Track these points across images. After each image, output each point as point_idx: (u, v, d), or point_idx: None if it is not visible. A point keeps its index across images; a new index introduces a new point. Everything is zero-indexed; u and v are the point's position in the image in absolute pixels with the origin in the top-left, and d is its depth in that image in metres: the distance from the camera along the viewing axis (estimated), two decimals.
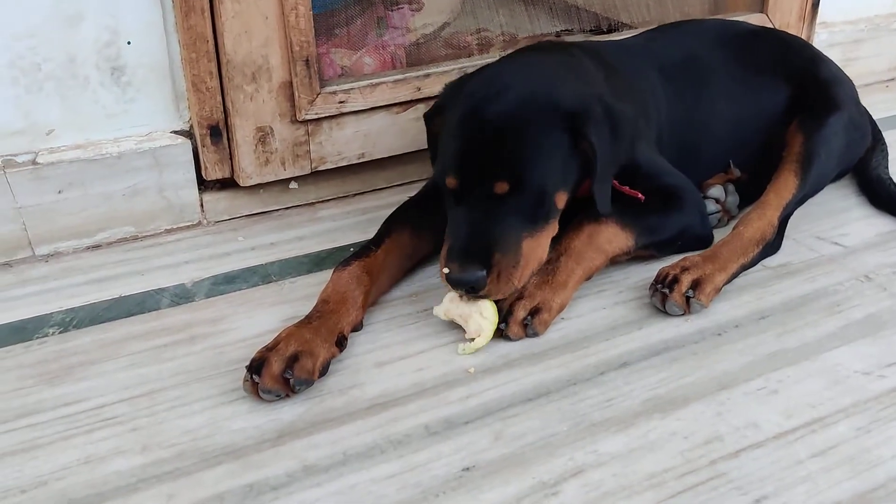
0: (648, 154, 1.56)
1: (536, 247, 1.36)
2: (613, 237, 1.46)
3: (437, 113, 1.47)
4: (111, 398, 1.25)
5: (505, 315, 1.34)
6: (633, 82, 1.65)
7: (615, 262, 1.50)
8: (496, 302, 1.34)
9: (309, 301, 1.39)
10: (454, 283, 1.30)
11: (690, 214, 1.56)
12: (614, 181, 1.46)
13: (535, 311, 1.34)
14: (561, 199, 1.38)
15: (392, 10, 2.06)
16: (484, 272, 1.29)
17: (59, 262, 1.63)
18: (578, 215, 1.46)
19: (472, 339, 1.32)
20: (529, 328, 1.34)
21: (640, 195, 1.48)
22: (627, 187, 1.48)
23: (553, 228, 1.40)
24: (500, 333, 1.34)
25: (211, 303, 1.49)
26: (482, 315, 1.33)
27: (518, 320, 1.34)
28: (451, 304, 1.35)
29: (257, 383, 1.20)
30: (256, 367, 1.21)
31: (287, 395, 1.22)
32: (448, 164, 1.35)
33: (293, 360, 1.21)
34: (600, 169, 1.34)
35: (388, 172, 1.90)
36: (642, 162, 1.53)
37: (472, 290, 1.30)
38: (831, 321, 1.41)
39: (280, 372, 1.20)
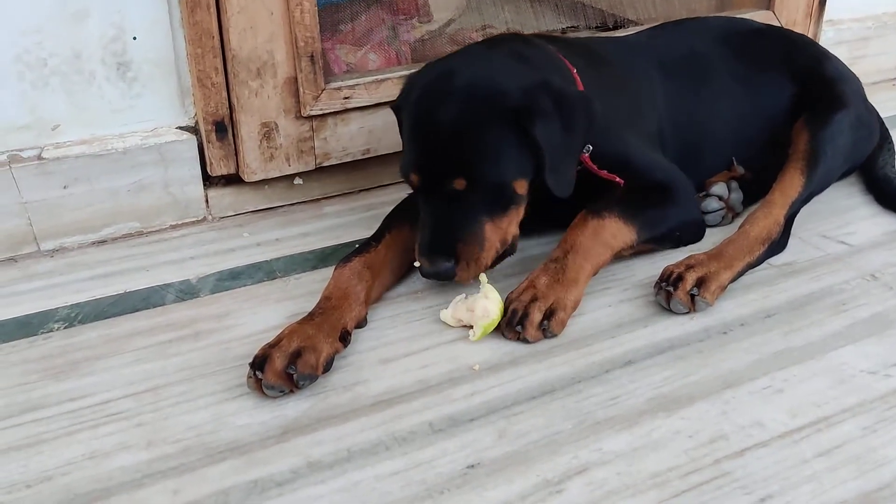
0: (639, 148, 1.57)
1: (498, 230, 1.40)
2: (618, 231, 1.46)
3: (399, 106, 1.48)
4: (116, 393, 1.25)
5: (521, 318, 1.33)
6: (625, 76, 1.65)
7: (619, 256, 1.50)
8: (506, 300, 1.37)
9: (313, 297, 1.39)
10: (426, 276, 1.39)
11: (685, 207, 1.58)
12: (592, 165, 1.47)
13: (550, 313, 1.34)
14: (521, 186, 1.40)
15: (400, 21, 2.06)
16: (451, 263, 1.35)
17: (65, 257, 1.63)
18: (582, 210, 1.47)
19: (481, 323, 1.34)
20: (547, 331, 1.34)
21: (617, 178, 1.49)
22: (605, 171, 1.49)
23: (518, 211, 1.42)
24: (518, 337, 1.34)
25: (216, 299, 1.49)
26: (486, 297, 1.36)
27: (535, 323, 1.33)
28: (457, 305, 1.37)
29: (261, 379, 1.20)
30: (259, 363, 1.21)
31: (291, 391, 1.22)
32: (409, 163, 1.40)
33: (296, 355, 1.21)
34: (550, 159, 1.36)
35: (393, 168, 1.87)
36: (632, 155, 1.54)
37: (445, 280, 1.38)
38: (837, 320, 1.40)
39: (283, 367, 1.20)
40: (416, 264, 1.40)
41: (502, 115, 1.35)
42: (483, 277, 1.38)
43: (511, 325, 1.34)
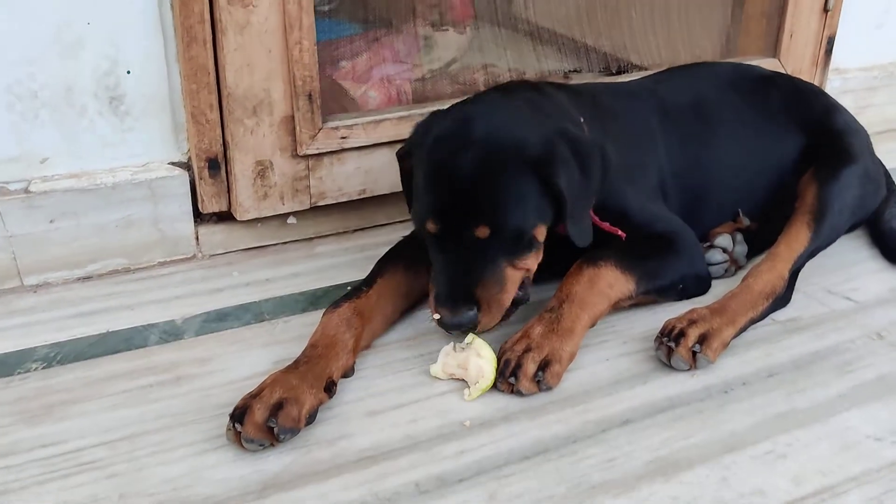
0: (639, 202, 1.53)
1: (517, 272, 1.37)
2: (615, 281, 1.42)
3: (409, 153, 1.45)
4: (91, 441, 1.20)
5: (514, 369, 1.29)
6: (629, 128, 1.63)
7: (617, 307, 1.45)
8: (500, 350, 1.33)
9: (302, 342, 1.34)
10: (448, 327, 1.32)
11: (688, 258, 1.54)
12: (594, 216, 1.44)
13: (545, 364, 1.30)
14: (540, 233, 1.38)
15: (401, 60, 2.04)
16: (474, 310, 1.31)
17: (48, 293, 1.59)
18: (578, 259, 1.43)
19: (476, 383, 1.29)
20: (542, 383, 1.29)
21: (620, 232, 1.46)
22: (608, 223, 1.46)
23: (536, 257, 1.39)
24: (511, 389, 1.29)
25: (200, 341, 1.44)
26: (479, 356, 1.30)
27: (529, 375, 1.28)
28: (447, 358, 1.32)
29: (240, 432, 1.15)
30: (239, 414, 1.16)
31: (272, 445, 1.17)
32: (427, 211, 1.36)
33: (277, 407, 1.16)
34: (571, 208, 1.34)
35: (389, 209, 1.86)
36: (631, 209, 1.51)
37: (467, 329, 1.33)
38: (842, 381, 1.35)
39: (263, 420, 1.15)
40: (435, 317, 1.33)
41: (523, 163, 1.33)
42: (470, 335, 1.34)
43: (504, 376, 1.29)
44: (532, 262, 1.39)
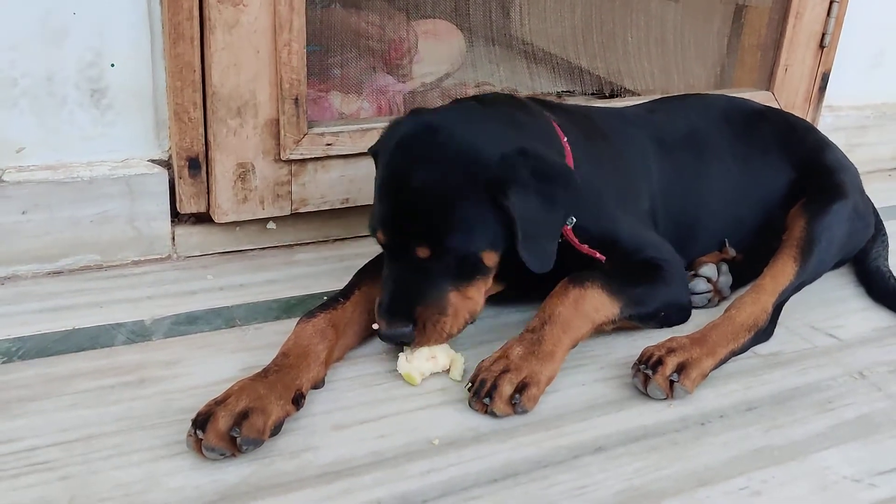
0: (629, 225, 1.51)
1: (465, 299, 1.34)
2: (601, 305, 1.39)
3: (376, 153, 1.42)
4: (45, 440, 1.16)
5: (489, 390, 1.25)
6: (621, 151, 1.60)
7: (599, 330, 1.42)
8: (476, 369, 1.31)
9: (272, 350, 1.31)
10: (384, 338, 1.33)
11: (675, 287, 1.51)
12: (574, 239, 1.41)
13: (522, 387, 1.26)
14: (490, 258, 1.33)
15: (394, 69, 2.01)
16: (410, 327, 1.30)
17: (16, 285, 1.55)
18: (564, 279, 1.40)
19: (449, 367, 1.36)
20: (518, 406, 1.25)
21: (598, 255, 1.43)
22: (587, 246, 1.43)
23: (486, 281, 1.37)
24: (486, 409, 1.26)
25: (168, 343, 1.40)
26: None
27: (504, 396, 1.25)
28: (415, 363, 1.34)
29: (201, 439, 1.11)
30: (202, 421, 1.12)
31: (233, 455, 1.13)
32: (376, 220, 1.34)
33: (242, 416, 1.12)
34: (523, 232, 1.29)
35: None
36: (621, 232, 1.48)
37: (403, 344, 1.33)
38: (822, 419, 1.33)
39: (227, 429, 1.11)
40: (375, 326, 1.33)
41: (476, 183, 1.28)
42: None
43: (479, 395, 1.26)
44: (480, 286, 1.35)
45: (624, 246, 1.47)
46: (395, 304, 1.30)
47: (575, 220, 1.41)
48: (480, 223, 1.29)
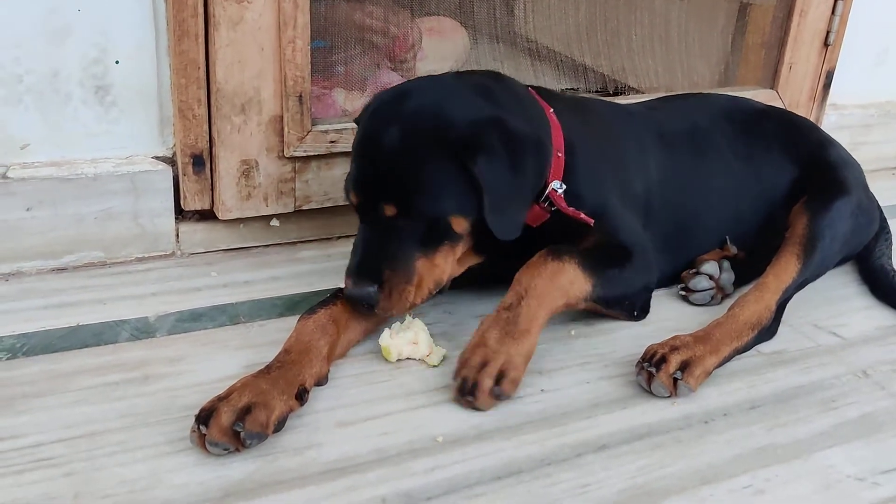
0: (616, 202, 1.51)
1: (432, 267, 1.35)
2: (576, 279, 1.38)
3: (357, 122, 1.44)
4: (50, 437, 1.16)
5: (472, 387, 1.25)
6: (617, 133, 1.61)
7: (567, 308, 1.40)
8: (457, 363, 1.31)
9: (276, 347, 1.31)
10: (349, 298, 1.34)
11: (643, 276, 1.52)
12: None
13: (500, 376, 1.26)
14: (458, 224, 1.34)
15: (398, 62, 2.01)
16: (375, 287, 1.30)
17: (20, 282, 1.55)
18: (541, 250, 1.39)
19: (430, 354, 1.38)
20: (501, 395, 1.26)
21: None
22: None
23: (454, 249, 1.37)
24: (471, 405, 1.26)
25: (172, 340, 1.41)
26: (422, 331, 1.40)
27: (486, 391, 1.25)
28: (394, 340, 1.37)
29: (205, 435, 1.11)
30: (205, 417, 1.12)
31: (237, 450, 1.13)
32: (349, 181, 1.36)
33: (245, 411, 1.12)
34: (490, 198, 1.30)
35: None
36: (609, 207, 1.48)
37: (368, 306, 1.32)
38: (825, 418, 1.33)
39: (230, 424, 1.11)
40: (342, 285, 1.35)
41: (444, 146, 1.29)
42: (407, 318, 1.39)
43: (462, 393, 1.26)
44: (448, 254, 1.35)
45: (608, 219, 1.46)
46: (363, 264, 1.32)
47: (564, 186, 1.41)
48: (448, 186, 1.30)
